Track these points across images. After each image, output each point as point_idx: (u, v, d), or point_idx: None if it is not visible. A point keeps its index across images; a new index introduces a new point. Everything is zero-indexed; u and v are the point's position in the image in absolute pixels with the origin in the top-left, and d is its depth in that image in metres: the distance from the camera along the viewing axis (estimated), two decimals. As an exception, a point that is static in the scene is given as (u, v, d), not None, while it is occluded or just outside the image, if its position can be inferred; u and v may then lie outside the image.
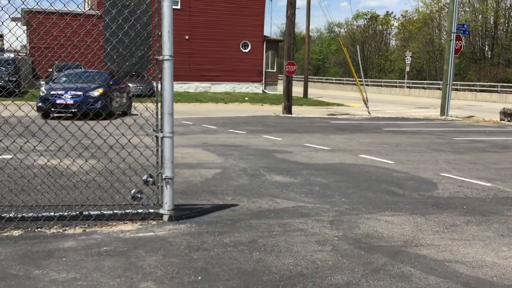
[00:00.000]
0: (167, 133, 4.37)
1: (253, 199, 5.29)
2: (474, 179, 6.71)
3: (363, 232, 4.21)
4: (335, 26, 73.06)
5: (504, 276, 3.31)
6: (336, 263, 3.46)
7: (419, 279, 3.21)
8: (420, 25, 62.07)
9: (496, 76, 47.71)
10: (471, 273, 3.34)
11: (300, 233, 4.14)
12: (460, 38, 20.39)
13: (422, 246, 3.89)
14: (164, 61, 4.27)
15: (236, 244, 3.82)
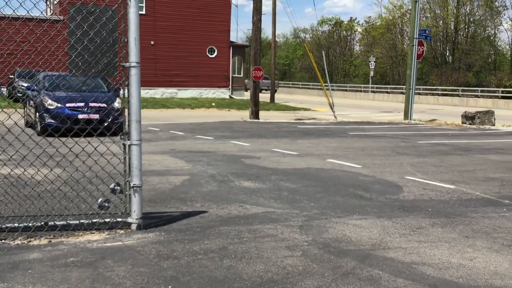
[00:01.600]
0: (135, 140, 4.32)
1: (222, 206, 5.28)
2: (438, 181, 6.86)
3: (332, 237, 4.25)
4: (301, 31, 73.74)
5: (470, 277, 3.39)
6: (306, 268, 3.48)
7: (387, 282, 3.26)
8: (383, 30, 63.25)
9: (457, 80, 48.98)
10: (438, 275, 3.41)
11: (270, 239, 4.15)
12: (422, 44, 20.86)
13: (390, 249, 3.95)
14: (131, 68, 4.23)
15: (206, 252, 3.80)
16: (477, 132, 15.66)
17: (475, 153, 10.09)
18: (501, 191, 6.37)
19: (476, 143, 12.22)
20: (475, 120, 18.34)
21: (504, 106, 34.78)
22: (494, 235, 4.42)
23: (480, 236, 4.38)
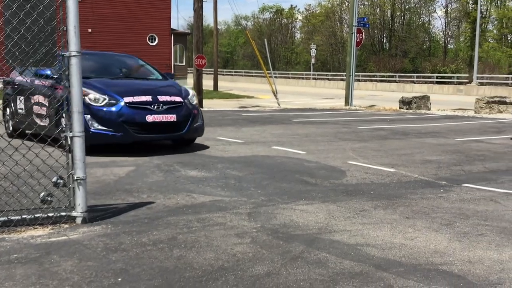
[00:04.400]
0: (77, 132, 4.22)
1: (169, 196, 5.25)
2: (379, 165, 7.10)
3: (280, 222, 4.33)
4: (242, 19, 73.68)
5: (411, 256, 3.55)
6: (256, 255, 3.53)
7: (334, 264, 3.36)
8: (323, 18, 64.23)
9: (394, 66, 50.58)
10: (382, 255, 3.55)
11: (219, 227, 4.17)
12: (361, 31, 21.36)
13: (336, 232, 4.07)
14: (71, 57, 4.11)
15: (156, 243, 3.78)
16: (414, 116, 16.26)
17: (413, 137, 10.50)
18: (438, 173, 6.67)
19: (413, 127, 12.69)
20: (412, 105, 19.03)
21: (438, 91, 36.26)
22: (433, 215, 4.64)
23: (420, 216, 4.58)
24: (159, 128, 7.62)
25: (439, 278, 3.15)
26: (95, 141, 7.27)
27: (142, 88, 8.00)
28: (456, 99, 27.50)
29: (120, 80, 8.52)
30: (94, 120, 7.39)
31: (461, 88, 36.45)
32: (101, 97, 7.54)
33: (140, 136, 7.57)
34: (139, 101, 7.59)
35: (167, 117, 7.67)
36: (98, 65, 8.89)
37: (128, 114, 7.48)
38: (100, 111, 7.45)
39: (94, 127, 7.38)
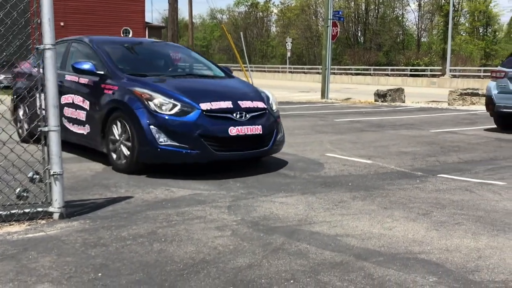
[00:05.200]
0: (53, 126, 4.15)
1: (148, 190, 5.21)
2: (357, 157, 7.16)
3: (260, 215, 4.34)
4: (217, 12, 73.35)
5: (390, 245, 3.60)
6: (237, 247, 3.54)
7: (315, 255, 3.39)
8: (298, 12, 64.35)
9: (369, 60, 51.02)
10: (361, 245, 3.59)
11: (199, 221, 4.16)
12: (336, 24, 21.46)
13: (315, 224, 4.10)
14: (45, 50, 4.03)
15: (135, 237, 3.75)
16: (389, 109, 16.44)
17: (388, 129, 10.62)
18: (413, 164, 6.77)
19: (389, 119, 12.84)
20: (387, 98, 19.23)
21: (412, 84, 36.71)
22: (410, 205, 4.71)
23: (398, 207, 4.64)
24: (242, 144, 5.87)
25: (418, 266, 3.20)
26: (164, 160, 5.73)
27: (217, 91, 6.26)
28: (429, 92, 27.89)
29: (183, 79, 6.69)
30: (162, 133, 5.58)
31: (435, 81, 36.99)
32: (171, 102, 5.70)
33: (221, 155, 5.74)
34: (219, 108, 5.79)
35: (252, 129, 5.86)
36: (143, 58, 7.27)
37: (207, 125, 5.66)
38: (171, 122, 5.60)
39: (162, 142, 5.57)
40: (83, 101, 6.49)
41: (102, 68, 6.37)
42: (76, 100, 6.62)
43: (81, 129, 6.58)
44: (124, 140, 5.89)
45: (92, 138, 6.44)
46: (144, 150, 5.68)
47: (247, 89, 6.62)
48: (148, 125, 5.64)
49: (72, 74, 6.66)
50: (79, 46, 7.25)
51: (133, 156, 5.80)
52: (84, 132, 6.52)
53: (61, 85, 6.03)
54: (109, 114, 6.09)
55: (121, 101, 5.94)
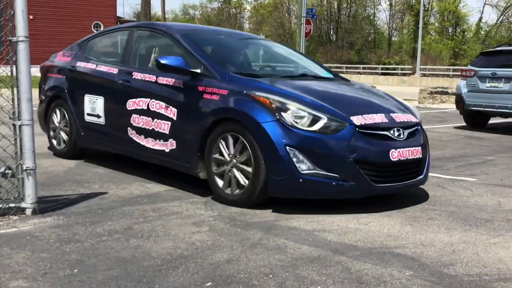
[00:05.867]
0: (26, 120, 4.06)
1: (122, 186, 5.14)
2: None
3: (237, 211, 4.33)
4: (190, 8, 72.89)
5: (366, 240, 3.64)
6: (215, 242, 3.53)
7: (293, 250, 3.40)
8: (271, 9, 64.42)
9: (341, 58, 51.49)
10: (338, 240, 3.63)
11: (176, 216, 4.13)
12: (309, 22, 21.58)
13: (292, 219, 4.11)
14: (19, 42, 3.93)
15: (111, 233, 3.70)
16: (362, 106, 16.60)
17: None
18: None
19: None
20: (359, 96, 19.44)
21: (384, 82, 37.22)
22: (384, 200, 4.76)
23: (373, 202, 4.69)
24: (401, 172, 4.51)
25: (394, 260, 3.24)
26: (304, 194, 4.28)
27: (358, 98, 4.89)
28: (400, 90, 28.30)
29: (306, 82, 5.12)
30: (304, 157, 4.12)
31: (405, 79, 37.56)
32: (313, 114, 4.23)
33: (381, 187, 4.35)
34: (373, 123, 4.38)
35: (413, 152, 4.50)
36: (241, 53, 5.86)
37: (363, 147, 4.24)
38: (317, 141, 4.14)
39: (305, 170, 4.12)
40: (166, 107, 4.95)
41: (195, 65, 4.90)
42: (154, 106, 5.09)
43: (160, 145, 5.05)
44: (240, 163, 4.40)
45: (179, 157, 4.92)
46: (277, 180, 4.16)
47: (383, 95, 5.24)
48: (283, 145, 4.11)
49: (146, 71, 5.33)
50: (150, 35, 5.78)
51: (255, 186, 4.27)
52: (166, 149, 5.00)
53: (127, 85, 5.42)
54: (214, 127, 4.56)
55: (237, 110, 4.39)
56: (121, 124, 5.49)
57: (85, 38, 6.69)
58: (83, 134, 6.10)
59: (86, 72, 6.07)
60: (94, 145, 6.10)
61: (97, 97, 5.81)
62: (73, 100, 6.19)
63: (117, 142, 5.68)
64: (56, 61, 6.69)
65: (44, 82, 6.80)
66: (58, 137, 6.52)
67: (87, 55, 6.32)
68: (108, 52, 6.32)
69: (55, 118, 6.50)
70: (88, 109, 5.94)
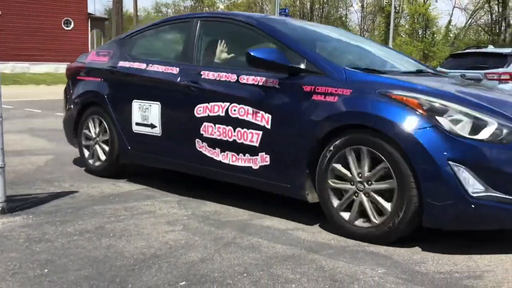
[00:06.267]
0: (-6, 117, 3.93)
1: (93, 185, 5.07)
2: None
3: (211, 209, 4.31)
4: (163, 6, 72.30)
5: (340, 238, 3.66)
6: (188, 242, 3.50)
7: (267, 248, 3.41)
8: (244, 8, 64.38)
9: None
10: (312, 238, 3.64)
11: (149, 215, 4.09)
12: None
13: (266, 218, 4.12)
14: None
15: (82, 232, 3.64)
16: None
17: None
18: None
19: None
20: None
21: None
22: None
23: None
24: None
25: (367, 258, 3.27)
26: (477, 224, 3.36)
27: (498, 97, 3.87)
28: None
29: (436, 78, 4.38)
30: (473, 173, 3.21)
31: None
32: (481, 119, 3.32)
33: None
34: None
35: None
36: (341, 48, 4.96)
37: None
38: (486, 153, 3.24)
39: (478, 192, 3.22)
40: (255, 113, 4.03)
41: (296, 60, 3.98)
42: (236, 111, 4.15)
43: (245, 160, 4.13)
44: (377, 182, 3.50)
45: (274, 175, 4.01)
46: (438, 206, 3.25)
47: None
48: (445, 159, 3.21)
49: (220, 70, 4.40)
50: (221, 27, 4.86)
51: (400, 215, 3.38)
52: (254, 165, 4.08)
53: (194, 87, 4.47)
54: (331, 137, 3.66)
55: (370, 115, 3.47)
56: (185, 135, 4.52)
57: (127, 34, 5.67)
58: (130, 148, 5.07)
59: (133, 73, 5.06)
60: (144, 161, 5.09)
61: (150, 103, 4.79)
62: (116, 107, 5.16)
63: (178, 157, 4.67)
64: (88, 61, 5.64)
65: (72, 87, 5.77)
66: (93, 151, 5.45)
67: (133, 53, 5.30)
68: (162, 49, 5.48)
69: (89, 129, 5.46)
70: (137, 117, 4.91)
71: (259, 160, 4.05)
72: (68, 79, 5.95)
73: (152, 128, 4.82)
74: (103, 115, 5.31)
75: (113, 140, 5.23)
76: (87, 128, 5.50)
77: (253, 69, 4.08)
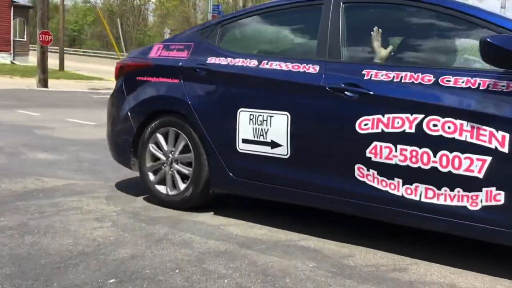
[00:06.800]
0: None
1: (15, 180, 4.82)
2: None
3: (141, 205, 4.22)
4: (91, -4, 69.93)
5: (272, 233, 3.68)
6: (118, 238, 3.41)
7: (200, 244, 3.38)
8: (176, 3, 63.61)
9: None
10: (245, 234, 3.65)
11: (76, 212, 3.94)
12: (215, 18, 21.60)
13: (199, 214, 4.08)
14: None
15: (3, 229, 3.45)
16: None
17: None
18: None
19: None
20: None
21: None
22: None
23: (277, 197, 4.78)
24: None
25: (298, 253, 3.33)
26: None
27: None
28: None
29: None
30: None
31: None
32: None
33: None
34: None
35: None
36: None
37: None
38: None
39: None
40: (476, 129, 2.94)
41: None
42: (437, 127, 3.04)
43: (455, 197, 3.03)
44: None
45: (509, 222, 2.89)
46: None
47: None
48: None
49: (399, 68, 3.26)
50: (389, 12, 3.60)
51: None
52: (472, 206, 2.98)
53: (354, 93, 3.31)
54: None
55: None
56: (337, 158, 3.40)
57: (213, 22, 4.32)
58: (231, 173, 3.86)
59: (238, 73, 3.83)
60: (254, 192, 3.89)
61: (271, 113, 3.60)
62: (207, 117, 3.92)
63: (319, 188, 3.49)
64: (155, 57, 4.33)
65: (128, 90, 4.43)
66: (164, 175, 4.20)
67: (228, 47, 4.08)
68: (278, 41, 4.25)
69: (159, 146, 4.21)
70: (246, 132, 3.71)
71: (483, 198, 2.93)
72: (119, 80, 4.61)
73: (272, 148, 3.62)
74: (183, 127, 4.03)
75: (200, 161, 3.97)
76: (155, 144, 4.22)
77: (460, 68, 3.15)
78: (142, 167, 4.31)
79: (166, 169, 4.16)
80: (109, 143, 4.68)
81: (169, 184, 4.17)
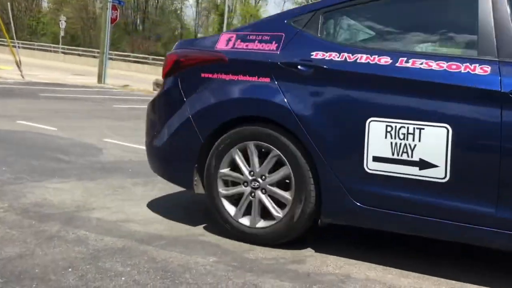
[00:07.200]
0: None
1: None
2: (136, 144, 7.06)
3: (31, 202, 3.95)
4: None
5: (172, 228, 3.63)
6: (4, 236, 3.15)
7: (95, 241, 3.22)
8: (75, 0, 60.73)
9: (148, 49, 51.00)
10: (144, 230, 3.54)
11: (-44, 208, 3.60)
12: (116, 8, 20.86)
13: (95, 210, 3.90)
14: None
15: None
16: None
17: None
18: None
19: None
20: (165, 88, 19.46)
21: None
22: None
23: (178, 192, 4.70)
24: None
25: (199, 248, 3.29)
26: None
27: None
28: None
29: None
30: None
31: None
32: None
33: None
34: None
35: None
36: None
37: None
38: None
39: None
40: None
41: None
42: None
43: None
44: None
45: None
46: None
47: None
48: None
49: None
50: None
51: None
52: None
53: None
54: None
55: None
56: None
57: (311, 8, 3.41)
58: (355, 201, 3.06)
59: (363, 72, 3.03)
60: (386, 224, 3.07)
61: (420, 124, 2.83)
62: (320, 129, 3.10)
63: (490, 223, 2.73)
64: (225, 49, 3.46)
65: (188, 91, 3.54)
66: (248, 203, 3.40)
67: (336, 39, 3.41)
68: (418, 33, 3.25)
69: (238, 166, 3.37)
70: (380, 148, 2.95)
71: None
72: (171, 77, 3.67)
73: (422, 169, 2.85)
74: (277, 141, 3.22)
75: (303, 185, 3.17)
76: (231, 163, 3.40)
77: None
78: (213, 192, 3.46)
79: (257, 195, 3.33)
80: (155, 155, 3.81)
81: (256, 213, 3.37)
